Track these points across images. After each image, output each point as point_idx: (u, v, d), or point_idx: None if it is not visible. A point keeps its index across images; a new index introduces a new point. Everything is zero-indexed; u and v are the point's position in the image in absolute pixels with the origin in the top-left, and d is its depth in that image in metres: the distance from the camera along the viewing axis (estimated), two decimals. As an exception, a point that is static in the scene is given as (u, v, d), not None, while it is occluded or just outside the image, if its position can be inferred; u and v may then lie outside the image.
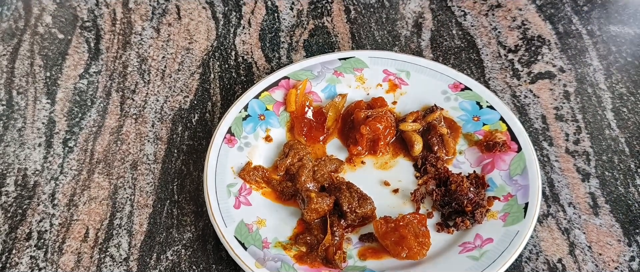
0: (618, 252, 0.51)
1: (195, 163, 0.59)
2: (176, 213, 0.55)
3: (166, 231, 0.54)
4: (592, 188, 0.55)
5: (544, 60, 0.66)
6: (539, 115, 0.61)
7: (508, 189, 0.53)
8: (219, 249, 0.53)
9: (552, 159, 0.58)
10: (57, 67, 0.67)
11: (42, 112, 0.63)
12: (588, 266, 0.51)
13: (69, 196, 0.56)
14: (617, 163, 0.57)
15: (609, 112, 0.61)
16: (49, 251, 0.53)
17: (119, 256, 0.52)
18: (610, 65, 0.65)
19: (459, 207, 0.52)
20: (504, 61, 0.66)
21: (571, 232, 0.53)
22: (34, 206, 0.56)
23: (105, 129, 0.61)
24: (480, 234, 0.50)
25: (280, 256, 0.50)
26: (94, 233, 0.54)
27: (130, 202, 0.56)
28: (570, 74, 0.65)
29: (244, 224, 0.51)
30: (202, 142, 0.60)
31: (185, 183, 0.57)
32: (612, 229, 0.53)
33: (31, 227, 0.54)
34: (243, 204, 0.53)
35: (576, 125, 0.60)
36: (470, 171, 0.55)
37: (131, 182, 0.57)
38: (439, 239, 0.51)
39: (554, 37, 0.69)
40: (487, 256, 0.49)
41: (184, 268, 0.52)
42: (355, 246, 0.52)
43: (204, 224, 0.54)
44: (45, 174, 0.58)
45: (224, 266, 0.52)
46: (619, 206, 0.54)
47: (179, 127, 0.61)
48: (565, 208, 0.54)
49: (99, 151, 0.60)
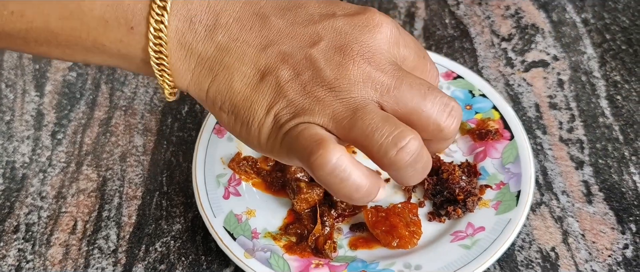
0: (612, 240, 0.51)
1: (184, 154, 0.58)
2: (165, 205, 0.55)
3: (155, 222, 0.53)
4: (586, 176, 0.55)
5: (538, 48, 0.66)
6: (532, 103, 0.61)
7: (500, 177, 0.52)
8: (208, 240, 0.52)
9: (546, 147, 0.57)
10: (46, 60, 0.67)
11: (30, 105, 0.62)
12: (581, 254, 0.50)
13: (57, 189, 0.56)
14: (611, 151, 0.57)
15: (603, 100, 0.61)
16: (36, 243, 0.52)
17: (108, 248, 0.52)
18: (604, 53, 0.65)
19: (450, 196, 0.51)
20: (497, 50, 0.66)
21: (564, 220, 0.52)
22: (22, 198, 0.55)
23: (94, 121, 0.61)
24: (472, 223, 0.50)
25: (270, 246, 0.49)
26: (82, 225, 0.53)
27: (119, 194, 0.55)
28: (564, 62, 0.64)
29: (233, 214, 0.51)
30: (192, 134, 0.59)
31: (174, 174, 0.57)
32: (605, 217, 0.52)
33: (19, 219, 0.54)
34: (232, 194, 0.52)
35: (570, 114, 0.60)
36: (462, 160, 0.55)
37: (120, 174, 0.57)
38: (430, 228, 0.51)
39: (547, 26, 0.68)
40: (479, 245, 0.48)
41: (173, 259, 0.51)
42: (346, 236, 0.51)
43: (194, 215, 0.54)
44: (34, 166, 0.58)
45: (213, 256, 0.51)
46: (612, 193, 0.54)
47: (168, 119, 0.61)
48: (558, 196, 0.54)
49: (87, 143, 0.59)
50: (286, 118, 0.37)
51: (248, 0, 0.39)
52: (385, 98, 0.37)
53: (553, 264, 0.50)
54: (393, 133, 0.35)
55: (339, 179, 0.35)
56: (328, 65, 0.37)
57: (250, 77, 0.37)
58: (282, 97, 0.37)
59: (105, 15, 0.36)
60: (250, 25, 0.38)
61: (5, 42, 0.39)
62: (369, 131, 0.35)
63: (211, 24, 0.37)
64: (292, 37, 0.38)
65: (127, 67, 0.40)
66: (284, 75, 0.37)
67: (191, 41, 0.37)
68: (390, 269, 0.48)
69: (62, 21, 0.37)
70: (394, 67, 0.38)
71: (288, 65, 0.37)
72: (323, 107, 0.36)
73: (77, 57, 0.39)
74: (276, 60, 0.37)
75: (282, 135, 0.37)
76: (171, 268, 0.51)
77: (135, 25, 0.37)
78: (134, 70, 0.41)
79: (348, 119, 0.36)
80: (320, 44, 0.37)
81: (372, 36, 0.38)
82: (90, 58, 0.39)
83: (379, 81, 0.37)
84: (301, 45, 0.37)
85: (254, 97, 0.37)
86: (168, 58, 0.38)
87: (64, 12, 0.36)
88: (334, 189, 0.36)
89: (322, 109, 0.36)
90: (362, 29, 0.38)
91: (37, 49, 0.39)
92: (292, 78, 0.37)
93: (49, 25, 0.37)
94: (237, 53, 0.37)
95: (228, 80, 0.38)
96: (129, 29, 0.37)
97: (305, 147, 0.35)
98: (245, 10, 0.38)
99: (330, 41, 0.38)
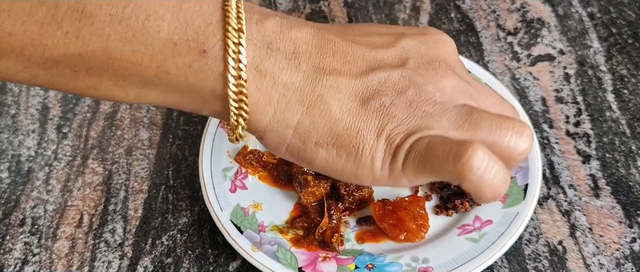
0: (619, 234, 0.51)
1: (190, 148, 0.58)
2: (171, 198, 0.54)
3: (161, 216, 0.53)
4: (593, 170, 0.55)
5: (544, 42, 0.66)
6: (538, 97, 0.60)
7: (507, 171, 0.52)
8: (215, 233, 0.52)
9: (552, 141, 0.57)
10: (51, 54, 0.66)
11: (35, 99, 0.62)
12: (589, 247, 0.50)
13: (63, 182, 0.56)
14: (618, 145, 0.56)
15: (609, 94, 0.60)
16: (43, 236, 0.52)
17: (114, 241, 0.52)
18: (610, 47, 0.65)
19: (457, 189, 0.51)
20: (503, 44, 0.66)
21: (572, 214, 0.52)
22: (27, 192, 0.55)
23: (99, 115, 0.61)
24: (480, 216, 0.50)
25: (277, 239, 0.49)
26: (89, 219, 0.53)
27: (125, 188, 0.55)
28: (570, 56, 0.64)
29: (239, 208, 0.51)
30: (198, 127, 0.59)
31: (180, 168, 0.56)
32: (613, 210, 0.52)
33: (25, 213, 0.54)
34: (239, 188, 0.52)
35: (576, 108, 0.59)
36: (469, 153, 0.54)
37: (126, 167, 0.57)
38: (437, 221, 0.51)
39: (553, 20, 0.68)
40: (487, 238, 0.48)
41: (180, 253, 0.51)
42: (353, 229, 0.51)
43: (200, 209, 0.54)
44: (39, 160, 0.57)
45: (219, 250, 0.51)
46: (620, 187, 0.53)
47: (174, 112, 0.61)
48: (565, 190, 0.53)
49: (93, 137, 0.59)
50: (401, 138, 0.36)
51: (318, 27, 0.37)
52: (473, 104, 0.38)
53: (560, 258, 0.50)
54: (514, 124, 0.36)
55: (492, 176, 0.34)
56: (426, 81, 0.37)
57: (351, 105, 0.36)
58: (391, 119, 0.36)
59: (173, 36, 0.32)
60: (331, 52, 0.36)
61: (50, 74, 0.33)
62: (496, 126, 0.36)
63: (290, 51, 0.35)
64: (379, 60, 0.37)
65: (189, 104, 0.35)
66: (387, 97, 0.36)
67: (273, 69, 0.34)
68: (397, 263, 0.48)
69: (123, 43, 0.32)
70: (470, 76, 0.41)
71: (387, 87, 0.36)
72: (437, 119, 0.36)
73: (130, 91, 0.34)
74: (374, 84, 0.36)
75: (403, 155, 0.36)
76: (178, 262, 0.51)
77: (208, 48, 0.33)
78: (198, 108, 0.36)
79: (468, 122, 0.36)
80: (409, 62, 0.38)
81: (446, 51, 0.40)
82: (146, 93, 0.34)
83: (466, 89, 0.38)
84: (392, 66, 0.37)
85: (359, 124, 0.35)
86: (247, 88, 0.34)
87: (127, 33, 0.31)
88: (484, 188, 0.34)
89: (436, 121, 0.36)
90: (437, 45, 0.40)
91: (86, 81, 0.33)
92: (396, 98, 0.36)
93: (107, 48, 0.32)
94: (329, 82, 0.35)
95: (325, 111, 0.35)
96: (201, 52, 0.32)
97: (446, 154, 0.34)
98: (321, 37, 0.36)
99: (416, 59, 0.38)
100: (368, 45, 0.38)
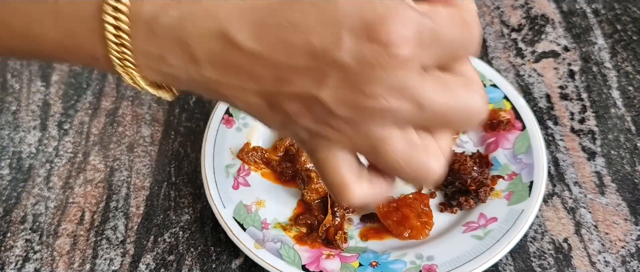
0: (625, 231, 0.50)
1: (192, 145, 0.57)
2: (173, 195, 0.54)
3: (163, 213, 0.53)
4: (598, 167, 0.54)
5: (548, 39, 0.65)
6: (543, 94, 0.60)
7: (512, 167, 0.52)
8: (218, 230, 0.52)
9: (557, 138, 0.56)
10: (52, 50, 0.66)
11: (36, 95, 0.62)
12: (594, 245, 0.50)
13: (64, 179, 0.55)
14: (623, 142, 0.56)
15: (614, 90, 0.60)
16: (44, 234, 0.52)
17: (116, 238, 0.51)
18: (615, 43, 0.64)
19: (462, 187, 0.51)
20: (507, 40, 0.65)
21: (577, 211, 0.52)
22: (29, 188, 0.55)
23: (101, 111, 0.60)
24: (485, 214, 0.49)
25: (280, 236, 0.49)
26: (90, 216, 0.53)
27: (127, 185, 0.55)
28: (575, 53, 0.64)
29: (242, 205, 0.50)
30: (200, 124, 0.59)
31: (182, 165, 0.56)
32: (618, 208, 0.52)
33: (26, 210, 0.53)
34: (242, 185, 0.52)
35: (581, 104, 0.59)
36: (473, 150, 0.54)
37: (128, 164, 0.56)
38: (442, 219, 0.50)
39: (558, 16, 0.67)
40: (492, 236, 0.47)
41: (182, 250, 0.51)
42: (357, 227, 0.51)
43: (202, 206, 0.53)
44: (40, 156, 0.57)
45: (222, 247, 0.51)
46: (625, 184, 0.53)
47: (176, 109, 0.60)
48: (570, 187, 0.53)
49: (94, 133, 0.59)
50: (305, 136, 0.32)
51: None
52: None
53: (566, 256, 0.49)
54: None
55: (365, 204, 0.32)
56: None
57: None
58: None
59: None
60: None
61: None
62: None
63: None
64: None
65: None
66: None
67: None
68: (401, 260, 0.47)
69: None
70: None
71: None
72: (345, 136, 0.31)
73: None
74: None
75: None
76: (180, 259, 0.50)
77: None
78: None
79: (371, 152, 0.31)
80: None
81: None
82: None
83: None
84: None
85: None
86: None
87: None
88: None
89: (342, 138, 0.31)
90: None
91: None
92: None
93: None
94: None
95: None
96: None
97: (330, 184, 0.32)
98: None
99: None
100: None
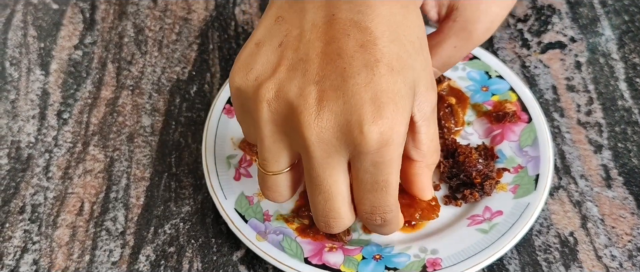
0: (631, 225, 0.50)
1: (193, 135, 0.57)
2: (174, 186, 0.53)
3: (164, 204, 0.52)
4: (605, 160, 0.54)
5: (555, 30, 0.64)
6: (549, 86, 0.59)
7: (518, 160, 0.51)
8: (219, 222, 0.51)
9: (563, 130, 0.56)
10: (52, 38, 0.65)
11: (35, 84, 0.61)
12: (601, 239, 0.49)
13: (63, 169, 0.55)
14: (630, 134, 0.55)
15: (621, 82, 0.59)
16: (43, 224, 0.51)
17: (116, 229, 0.51)
18: (623, 35, 0.63)
19: (467, 179, 0.50)
20: (513, 31, 0.64)
21: (583, 205, 0.51)
22: (27, 178, 0.54)
23: (100, 101, 0.60)
24: (490, 207, 0.49)
25: (282, 228, 0.48)
26: (90, 207, 0.52)
27: (127, 175, 0.54)
28: (582, 44, 0.63)
29: (244, 196, 0.50)
30: (201, 114, 0.58)
31: (183, 155, 0.55)
32: (625, 201, 0.51)
33: (25, 200, 0.53)
34: (243, 175, 0.51)
35: (588, 96, 0.58)
36: (478, 142, 0.53)
37: (128, 154, 0.55)
38: (447, 212, 0.49)
39: (564, 7, 0.66)
40: (497, 229, 0.47)
41: (183, 242, 0.50)
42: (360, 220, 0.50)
43: (203, 197, 0.53)
44: (39, 146, 0.56)
45: (223, 239, 0.50)
46: (632, 177, 0.52)
47: (176, 99, 0.60)
48: (577, 180, 0.52)
49: (94, 123, 0.58)
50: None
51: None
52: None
53: (572, 250, 0.48)
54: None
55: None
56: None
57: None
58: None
59: None
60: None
61: None
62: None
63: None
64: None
65: None
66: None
67: None
68: (405, 254, 0.47)
69: None
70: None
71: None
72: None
73: None
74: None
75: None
76: (181, 251, 0.49)
77: None
78: None
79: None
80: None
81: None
82: None
83: None
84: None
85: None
86: None
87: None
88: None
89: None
90: None
91: None
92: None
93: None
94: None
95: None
96: None
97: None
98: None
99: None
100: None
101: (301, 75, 0.34)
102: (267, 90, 0.34)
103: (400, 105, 0.33)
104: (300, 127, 0.33)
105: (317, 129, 0.33)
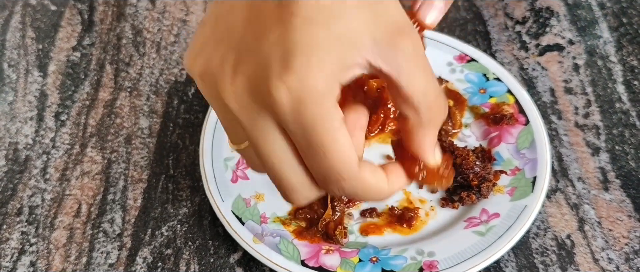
0: (629, 228, 0.50)
1: (191, 137, 0.57)
2: (171, 188, 0.53)
3: (161, 206, 0.52)
4: (602, 163, 0.54)
5: (553, 32, 0.64)
6: (547, 88, 0.59)
7: (515, 162, 0.51)
8: (216, 224, 0.51)
9: (561, 132, 0.56)
10: (50, 40, 0.65)
11: (33, 85, 0.61)
12: (598, 241, 0.49)
13: (61, 171, 0.55)
14: (628, 137, 0.55)
15: (619, 85, 0.59)
16: (40, 226, 0.51)
17: (113, 231, 0.51)
18: (621, 37, 0.63)
19: (464, 182, 0.50)
20: (511, 33, 0.64)
21: (580, 207, 0.51)
22: (25, 180, 0.54)
23: (98, 103, 0.60)
24: (487, 209, 0.49)
25: (279, 231, 0.48)
26: (87, 208, 0.52)
27: (124, 177, 0.54)
28: (580, 47, 0.63)
29: (241, 198, 0.50)
30: (199, 116, 0.58)
31: (181, 157, 0.55)
32: (622, 204, 0.51)
33: (22, 202, 0.53)
34: (240, 178, 0.51)
35: (586, 99, 0.58)
36: (476, 144, 0.53)
37: (125, 156, 0.56)
38: (443, 214, 0.50)
39: (562, 9, 0.66)
40: (494, 232, 0.47)
41: (180, 244, 0.50)
42: (357, 222, 0.50)
43: (201, 199, 0.53)
44: (37, 148, 0.56)
45: (220, 241, 0.50)
46: (629, 180, 0.52)
47: (174, 101, 0.60)
48: (574, 183, 0.52)
49: (92, 125, 0.58)
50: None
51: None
52: None
53: (569, 252, 0.48)
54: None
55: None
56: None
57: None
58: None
59: None
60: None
61: None
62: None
63: None
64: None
65: None
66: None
67: None
68: (402, 256, 0.47)
69: None
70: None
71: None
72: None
73: None
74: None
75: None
76: (178, 253, 0.49)
77: None
78: None
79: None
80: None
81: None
82: None
83: None
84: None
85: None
86: None
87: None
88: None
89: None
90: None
91: None
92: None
93: None
94: None
95: None
96: None
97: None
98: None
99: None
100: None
101: (225, 45, 0.32)
102: (198, 65, 0.33)
103: (315, 56, 0.30)
104: (221, 95, 0.32)
105: (233, 95, 0.31)
